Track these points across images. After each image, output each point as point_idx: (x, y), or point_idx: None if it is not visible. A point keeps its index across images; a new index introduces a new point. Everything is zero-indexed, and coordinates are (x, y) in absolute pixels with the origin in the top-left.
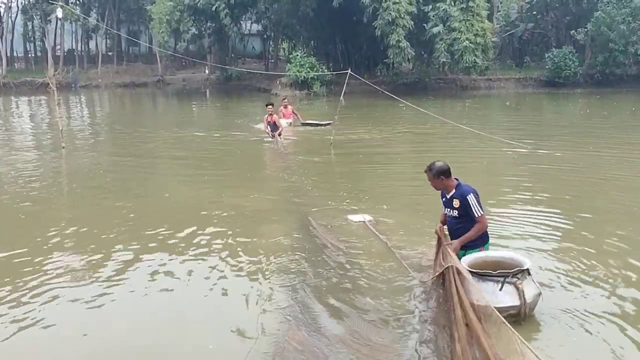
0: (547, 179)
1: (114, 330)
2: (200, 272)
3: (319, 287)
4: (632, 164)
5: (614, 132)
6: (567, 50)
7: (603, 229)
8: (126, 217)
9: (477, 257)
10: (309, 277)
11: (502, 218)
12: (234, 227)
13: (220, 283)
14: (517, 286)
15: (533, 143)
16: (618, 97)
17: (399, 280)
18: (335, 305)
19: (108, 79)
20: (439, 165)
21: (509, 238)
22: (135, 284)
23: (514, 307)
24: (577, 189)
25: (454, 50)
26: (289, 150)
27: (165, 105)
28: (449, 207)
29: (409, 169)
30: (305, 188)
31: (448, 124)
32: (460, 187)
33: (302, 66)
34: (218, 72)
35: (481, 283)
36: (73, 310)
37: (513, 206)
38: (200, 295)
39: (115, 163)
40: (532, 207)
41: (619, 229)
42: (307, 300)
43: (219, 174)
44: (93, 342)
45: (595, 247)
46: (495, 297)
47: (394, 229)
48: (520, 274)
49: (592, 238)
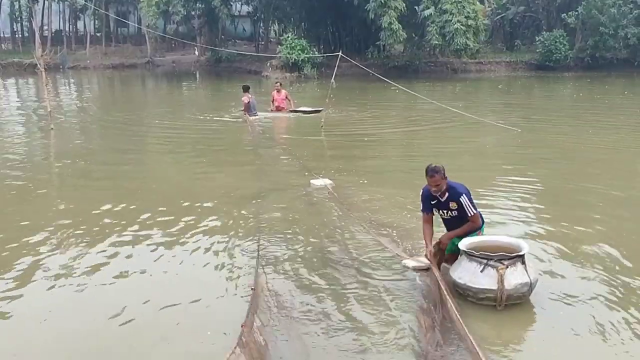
0: (538, 163)
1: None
2: (189, 251)
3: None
4: (625, 147)
5: (606, 115)
6: (557, 33)
7: (593, 213)
8: (115, 198)
9: (486, 240)
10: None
11: (488, 199)
12: (223, 206)
13: (204, 259)
14: (498, 271)
15: (525, 126)
16: (608, 81)
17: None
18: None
19: (97, 60)
20: (441, 167)
21: (498, 223)
22: (122, 265)
23: (490, 291)
24: (569, 173)
25: (446, 33)
26: (274, 131)
27: (155, 86)
28: (445, 209)
29: (399, 151)
30: (294, 167)
31: (439, 107)
32: (453, 189)
33: (292, 48)
34: (208, 53)
35: (468, 262)
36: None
37: (500, 188)
38: (187, 271)
39: (105, 145)
40: (519, 189)
41: (607, 213)
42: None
43: (210, 156)
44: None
45: (583, 231)
46: (475, 277)
47: (358, 194)
48: (509, 260)
49: (582, 222)
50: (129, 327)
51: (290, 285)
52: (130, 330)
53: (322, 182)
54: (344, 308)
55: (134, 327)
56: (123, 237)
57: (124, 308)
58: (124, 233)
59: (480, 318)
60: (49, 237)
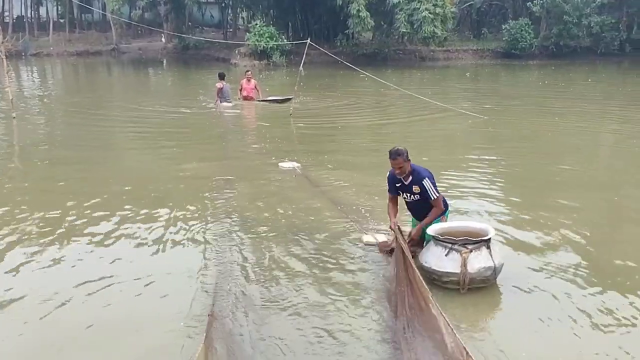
0: (505, 149)
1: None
2: (156, 240)
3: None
4: (590, 133)
5: (571, 102)
6: (523, 22)
7: (559, 197)
8: (81, 188)
9: (456, 225)
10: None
11: (457, 187)
12: (190, 193)
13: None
14: (462, 255)
15: (492, 113)
16: (572, 69)
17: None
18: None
19: (60, 47)
20: (404, 149)
21: (466, 208)
22: (88, 256)
23: (454, 274)
24: (536, 158)
25: (414, 21)
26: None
27: (121, 74)
28: (408, 192)
29: (368, 137)
30: (262, 153)
31: (408, 95)
32: (417, 173)
33: (261, 36)
34: (175, 41)
35: (434, 246)
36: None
37: (469, 175)
38: (150, 258)
39: (69, 134)
40: (488, 175)
41: (573, 197)
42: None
43: (178, 144)
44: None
45: (549, 215)
46: (440, 261)
47: (326, 177)
48: (473, 245)
49: (548, 206)
50: (96, 319)
51: (257, 270)
52: (97, 322)
53: (290, 164)
54: (310, 292)
55: (100, 318)
56: (88, 228)
57: (91, 299)
58: (89, 224)
59: (444, 300)
60: (12, 228)
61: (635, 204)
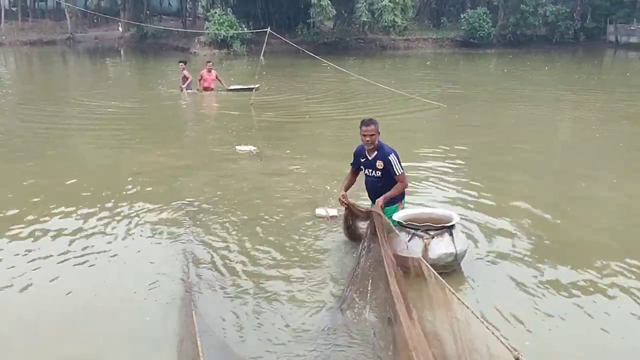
0: (466, 135)
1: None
2: (121, 231)
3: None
4: (548, 119)
5: (529, 90)
6: (481, 11)
7: (519, 181)
8: (38, 180)
9: (423, 212)
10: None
11: (421, 174)
12: (150, 182)
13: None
14: (424, 241)
15: (452, 101)
16: (529, 57)
17: None
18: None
19: (12, 36)
20: (377, 121)
21: (427, 195)
22: (52, 250)
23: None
24: (496, 144)
25: (374, 10)
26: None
27: (77, 64)
28: (371, 167)
29: (328, 125)
30: (221, 141)
31: (368, 83)
32: (383, 148)
33: (221, 24)
34: (133, 30)
35: (400, 232)
36: None
37: (429, 162)
38: (117, 251)
39: (24, 126)
40: (451, 163)
41: (533, 182)
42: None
43: (136, 135)
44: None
45: (509, 199)
46: (405, 247)
47: (284, 162)
48: (436, 231)
49: (508, 190)
50: (65, 314)
51: (222, 254)
52: (66, 318)
53: (247, 148)
54: (273, 272)
55: (70, 314)
56: (48, 222)
57: (61, 294)
58: (48, 217)
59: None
60: None
61: (587, 183)
